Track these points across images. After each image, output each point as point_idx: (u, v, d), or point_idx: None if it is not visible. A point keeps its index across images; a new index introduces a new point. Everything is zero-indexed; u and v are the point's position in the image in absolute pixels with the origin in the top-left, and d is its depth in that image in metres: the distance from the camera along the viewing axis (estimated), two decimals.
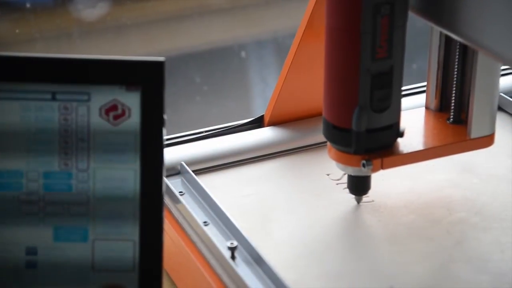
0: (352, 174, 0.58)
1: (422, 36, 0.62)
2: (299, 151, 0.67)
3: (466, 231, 0.57)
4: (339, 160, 0.56)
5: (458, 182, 0.61)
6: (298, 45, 0.64)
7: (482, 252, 0.54)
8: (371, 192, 0.60)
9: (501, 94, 0.70)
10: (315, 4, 0.61)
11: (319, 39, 0.54)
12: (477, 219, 0.58)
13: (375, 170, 0.55)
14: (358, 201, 0.60)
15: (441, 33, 0.58)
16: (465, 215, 0.58)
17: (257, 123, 0.69)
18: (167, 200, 0.61)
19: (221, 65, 1.16)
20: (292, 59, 0.65)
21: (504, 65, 0.58)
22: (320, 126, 0.57)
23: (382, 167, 0.55)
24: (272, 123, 0.68)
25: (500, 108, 0.69)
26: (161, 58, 0.46)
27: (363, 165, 0.55)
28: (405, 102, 0.58)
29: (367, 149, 0.55)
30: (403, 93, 0.70)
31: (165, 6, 1.19)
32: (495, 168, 0.63)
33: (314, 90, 0.56)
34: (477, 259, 0.54)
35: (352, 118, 0.53)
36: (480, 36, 0.47)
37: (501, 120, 0.68)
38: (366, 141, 0.54)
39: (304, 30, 0.63)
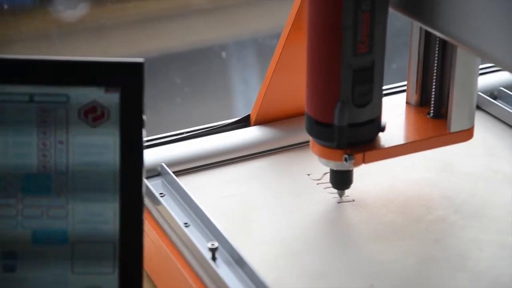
0: (335, 169, 0.58)
1: (401, 36, 0.62)
2: (280, 151, 0.67)
3: (445, 229, 0.57)
4: (321, 155, 0.57)
5: (437, 181, 0.62)
6: (284, 44, 0.64)
7: (461, 250, 0.55)
8: (351, 192, 0.61)
9: (479, 93, 0.71)
10: (300, 4, 0.62)
11: (305, 39, 0.55)
12: (456, 217, 0.58)
13: (357, 164, 0.56)
14: (341, 195, 0.60)
15: (421, 28, 0.59)
16: (444, 213, 0.59)
17: (244, 122, 0.69)
18: (147, 201, 0.61)
19: (202, 66, 1.16)
20: (278, 59, 0.65)
21: (483, 60, 0.58)
22: (303, 126, 0.57)
23: (364, 161, 0.56)
24: (259, 122, 0.68)
25: (477, 107, 0.70)
26: (140, 59, 0.46)
27: (345, 160, 0.55)
28: (385, 101, 0.59)
29: (349, 144, 0.55)
30: (384, 92, 0.71)
31: (145, 7, 1.19)
32: (473, 166, 0.63)
33: (300, 89, 0.56)
34: (456, 257, 0.54)
35: (334, 113, 0.54)
36: (459, 32, 0.47)
37: (478, 119, 0.68)
38: (348, 136, 0.55)
39: (289, 30, 0.64)
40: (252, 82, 1.16)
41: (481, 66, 0.73)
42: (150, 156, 0.65)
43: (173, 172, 0.63)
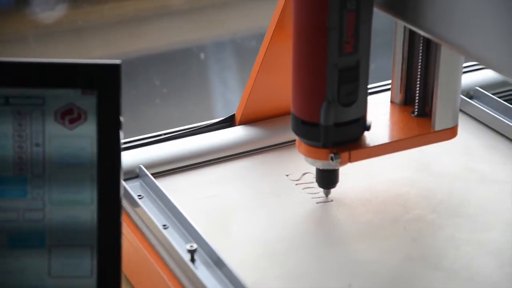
0: (321, 168, 0.58)
1: (378, 37, 0.63)
2: (259, 152, 0.67)
3: (423, 229, 0.57)
4: (308, 154, 0.57)
5: (415, 180, 0.62)
6: (268, 44, 0.64)
7: (438, 249, 0.55)
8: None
9: None
10: (284, 4, 0.62)
11: (289, 39, 0.55)
12: (433, 217, 0.59)
13: (343, 163, 0.56)
14: (326, 194, 0.60)
15: (405, 27, 0.59)
16: (421, 212, 0.59)
17: (229, 122, 0.69)
18: (125, 204, 0.60)
19: (180, 67, 1.16)
20: (263, 58, 0.65)
21: (467, 58, 0.59)
22: (280, 127, 0.58)
23: (350, 160, 0.56)
24: (243, 122, 0.68)
25: None
26: (117, 61, 0.46)
27: (331, 159, 0.56)
28: (370, 100, 0.59)
29: (335, 143, 0.56)
30: (368, 91, 0.71)
31: (123, 8, 1.18)
32: (450, 166, 0.64)
33: (285, 88, 0.56)
34: (433, 255, 0.55)
35: (320, 112, 0.54)
36: (443, 30, 0.47)
37: None
38: (334, 135, 0.55)
39: (273, 30, 0.64)
40: (231, 83, 1.16)
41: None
42: (129, 158, 0.65)
43: (152, 174, 0.63)
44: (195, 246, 0.55)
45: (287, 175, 0.64)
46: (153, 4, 1.20)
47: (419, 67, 0.59)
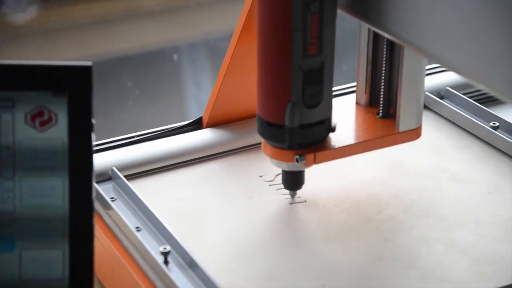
0: (287, 170, 0.58)
1: (351, 37, 0.63)
2: (233, 153, 0.67)
3: (395, 228, 0.58)
4: (273, 156, 0.57)
5: (387, 180, 0.63)
6: (235, 46, 0.64)
7: (410, 248, 0.56)
8: (303, 192, 0.61)
9: (427, 93, 0.72)
10: (251, 5, 0.62)
11: (256, 41, 0.55)
12: (405, 216, 0.59)
13: (308, 164, 0.56)
14: (293, 196, 0.60)
15: (369, 29, 0.60)
16: (394, 212, 0.59)
17: (196, 124, 0.69)
18: (98, 206, 0.60)
19: (153, 69, 1.15)
20: (230, 60, 0.65)
21: (429, 60, 0.59)
22: (255, 128, 0.58)
23: (315, 161, 0.56)
24: (211, 125, 0.68)
25: (425, 107, 0.71)
26: (88, 63, 0.45)
27: (297, 160, 0.56)
28: (335, 101, 0.59)
29: (300, 145, 0.56)
30: (335, 93, 0.72)
31: (94, 10, 1.18)
32: (422, 165, 0.65)
33: (252, 90, 0.57)
34: (405, 255, 0.55)
35: (285, 114, 0.54)
36: (406, 32, 0.48)
37: (426, 118, 0.70)
38: (299, 137, 0.55)
39: (240, 32, 0.64)
40: (205, 85, 1.16)
41: (428, 67, 0.74)
42: (101, 160, 0.64)
43: (125, 176, 0.63)
44: (168, 248, 0.55)
45: (260, 176, 0.64)
46: (124, 5, 1.20)
47: (383, 68, 0.59)
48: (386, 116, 0.60)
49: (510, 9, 0.40)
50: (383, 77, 0.60)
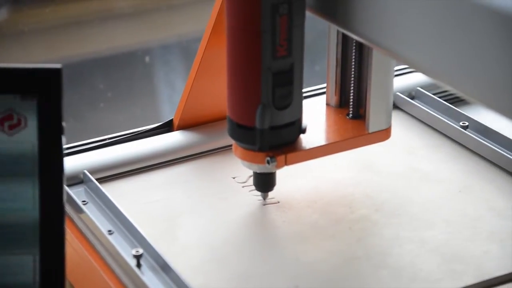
0: (258, 171, 0.58)
1: (324, 39, 0.63)
2: (206, 155, 0.67)
3: (367, 228, 0.58)
4: (244, 158, 0.57)
5: (360, 180, 0.63)
6: (205, 48, 0.64)
7: (382, 248, 0.56)
8: (276, 194, 0.61)
9: (398, 93, 0.73)
10: (220, 7, 0.62)
11: (225, 43, 0.55)
12: (377, 216, 0.59)
13: (279, 166, 0.56)
14: (264, 197, 0.60)
15: (338, 30, 0.60)
16: (366, 212, 0.60)
17: (167, 127, 0.69)
18: (69, 210, 0.60)
19: (125, 71, 1.15)
20: (199, 63, 0.65)
21: (397, 62, 0.60)
22: (221, 131, 0.58)
23: (286, 163, 0.56)
24: (181, 127, 0.68)
25: (396, 107, 0.72)
26: (57, 65, 0.45)
27: (268, 162, 0.56)
28: (306, 103, 0.60)
29: (271, 146, 0.56)
30: (306, 94, 0.72)
31: (64, 12, 1.17)
32: (393, 165, 0.65)
33: (222, 92, 0.57)
34: (377, 254, 0.56)
35: (256, 116, 0.54)
36: (373, 34, 0.48)
37: (397, 119, 0.70)
38: (270, 138, 0.55)
39: (210, 34, 0.64)
40: (178, 86, 1.16)
41: (398, 67, 0.75)
42: (72, 163, 0.64)
43: (96, 179, 0.63)
44: (141, 251, 0.54)
45: (233, 178, 0.64)
46: (96, 8, 1.19)
47: (353, 70, 0.60)
48: (356, 117, 0.61)
49: (475, 10, 0.41)
50: (352, 78, 0.60)
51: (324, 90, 0.72)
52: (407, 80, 0.75)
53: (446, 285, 0.53)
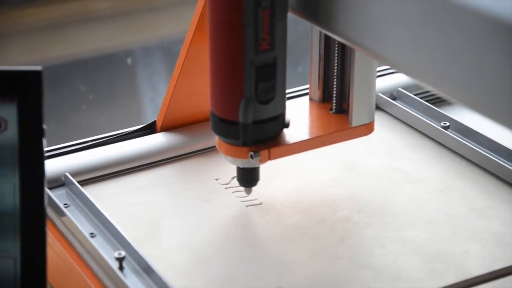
0: (241, 166, 0.58)
1: (305, 40, 0.64)
2: (189, 156, 0.67)
3: (349, 229, 0.58)
4: (228, 153, 0.57)
5: (342, 181, 0.63)
6: (188, 49, 0.64)
7: (364, 248, 0.57)
8: (259, 195, 0.61)
9: (380, 94, 0.73)
10: (203, 6, 0.62)
11: (208, 41, 0.55)
12: (359, 216, 0.60)
13: (263, 161, 0.56)
14: (248, 193, 0.60)
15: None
16: (348, 212, 0.60)
17: (149, 129, 0.68)
18: (50, 213, 0.59)
19: (107, 73, 1.14)
20: (182, 64, 0.65)
21: (379, 62, 0.60)
22: (209, 132, 0.58)
23: (270, 157, 0.56)
24: (164, 129, 0.68)
25: (378, 107, 0.72)
26: (37, 67, 0.45)
27: (251, 157, 0.56)
28: (291, 103, 0.60)
29: (254, 141, 0.56)
30: (289, 95, 0.72)
31: (45, 14, 1.16)
32: (375, 165, 0.65)
33: (206, 93, 0.56)
34: (359, 254, 0.56)
35: (239, 110, 0.54)
36: (355, 35, 0.48)
37: (379, 119, 0.71)
38: (253, 133, 0.55)
39: (193, 35, 0.64)
40: (161, 88, 1.16)
41: (380, 68, 0.75)
42: (54, 166, 0.64)
43: (78, 182, 0.62)
44: (123, 253, 0.54)
45: (216, 179, 0.64)
46: (76, 10, 1.18)
47: (335, 65, 0.60)
48: (339, 112, 0.61)
49: (454, 11, 0.41)
50: (335, 74, 0.60)
51: (307, 91, 0.72)
52: (389, 81, 0.75)
53: (428, 285, 0.53)
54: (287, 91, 0.57)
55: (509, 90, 0.39)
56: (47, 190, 0.60)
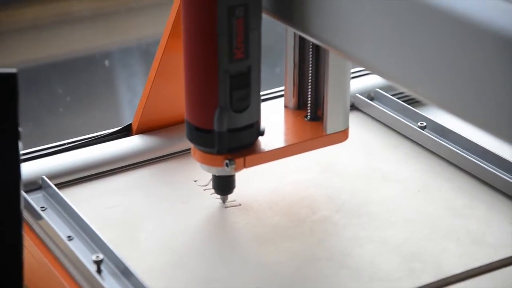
0: (217, 175, 0.58)
1: (284, 41, 0.64)
2: (167, 158, 0.67)
3: (328, 229, 0.59)
4: (203, 161, 0.57)
5: (320, 182, 0.64)
6: (163, 52, 0.64)
7: (343, 248, 0.57)
8: (237, 196, 0.62)
9: (357, 94, 0.73)
10: (178, 10, 0.62)
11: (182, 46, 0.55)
12: (338, 217, 0.60)
13: (238, 169, 0.56)
14: (224, 200, 0.60)
15: (295, 33, 0.60)
16: (327, 213, 0.60)
17: (125, 131, 0.68)
18: (27, 216, 0.59)
19: (84, 75, 1.14)
20: (158, 66, 0.65)
21: (353, 64, 0.60)
22: (180, 134, 0.57)
23: (245, 165, 0.56)
24: (140, 131, 0.68)
25: (355, 108, 0.73)
26: (13, 70, 0.44)
27: (226, 165, 0.56)
28: (264, 105, 0.60)
29: (229, 149, 0.56)
30: (265, 96, 0.72)
31: (21, 16, 1.15)
32: (353, 165, 0.66)
33: (181, 96, 0.56)
34: (338, 255, 0.56)
35: (214, 119, 0.54)
36: (329, 36, 0.49)
37: (356, 119, 0.71)
38: (228, 141, 0.55)
39: (168, 37, 0.64)
40: (139, 90, 1.15)
41: (357, 69, 0.76)
42: (30, 169, 0.63)
43: (55, 185, 0.62)
44: (101, 256, 0.54)
45: (194, 181, 0.64)
46: (53, 11, 1.17)
47: (310, 72, 0.60)
48: (314, 119, 0.61)
49: (427, 12, 0.41)
50: (310, 80, 0.61)
51: (283, 92, 0.72)
52: (366, 81, 0.75)
53: (405, 284, 0.53)
54: (264, 92, 0.57)
55: (481, 91, 0.39)
56: (23, 193, 0.60)
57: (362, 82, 0.75)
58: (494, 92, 0.39)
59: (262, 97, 0.57)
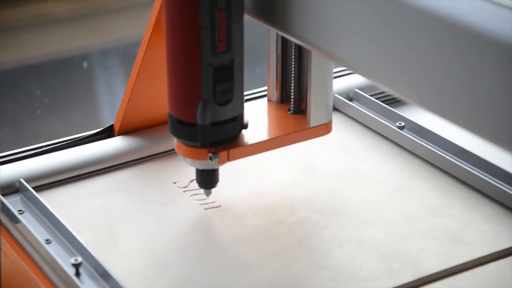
0: (200, 168, 0.58)
1: (264, 42, 0.64)
2: (146, 160, 0.67)
3: (308, 229, 0.59)
4: (186, 155, 0.57)
5: (300, 182, 0.64)
6: (145, 52, 0.64)
7: (323, 248, 0.57)
8: (217, 197, 0.61)
9: (336, 95, 0.74)
10: (160, 9, 0.61)
11: (165, 41, 0.54)
12: (317, 217, 0.60)
13: (222, 162, 0.56)
14: (207, 194, 0.60)
15: None
16: (306, 213, 0.60)
17: (107, 132, 0.68)
18: (4, 220, 0.58)
19: (63, 77, 1.13)
20: (139, 67, 0.65)
21: (335, 63, 0.60)
22: (167, 135, 0.57)
23: (229, 159, 0.56)
24: (123, 132, 0.67)
25: (335, 108, 0.73)
26: None
27: (210, 158, 0.55)
28: (250, 105, 0.60)
29: (213, 142, 0.56)
30: (248, 97, 0.72)
31: None
32: (333, 166, 0.66)
33: (164, 96, 0.56)
34: (318, 255, 0.56)
35: (197, 112, 0.54)
36: (311, 37, 0.49)
37: (336, 120, 0.71)
38: (211, 134, 0.55)
39: (149, 37, 0.63)
40: (118, 91, 1.15)
41: (336, 70, 0.76)
42: (8, 172, 0.63)
43: (33, 188, 0.61)
44: (80, 259, 0.54)
45: (174, 183, 0.64)
46: (31, 13, 1.17)
47: (293, 66, 0.60)
48: (297, 112, 0.61)
49: (408, 11, 0.42)
50: (292, 74, 0.60)
51: (265, 93, 0.73)
52: (345, 82, 0.76)
53: (385, 283, 0.54)
54: (245, 93, 0.57)
55: (462, 89, 0.40)
56: (0, 197, 0.59)
57: (341, 83, 0.76)
58: (473, 89, 0.39)
59: (244, 97, 0.57)
